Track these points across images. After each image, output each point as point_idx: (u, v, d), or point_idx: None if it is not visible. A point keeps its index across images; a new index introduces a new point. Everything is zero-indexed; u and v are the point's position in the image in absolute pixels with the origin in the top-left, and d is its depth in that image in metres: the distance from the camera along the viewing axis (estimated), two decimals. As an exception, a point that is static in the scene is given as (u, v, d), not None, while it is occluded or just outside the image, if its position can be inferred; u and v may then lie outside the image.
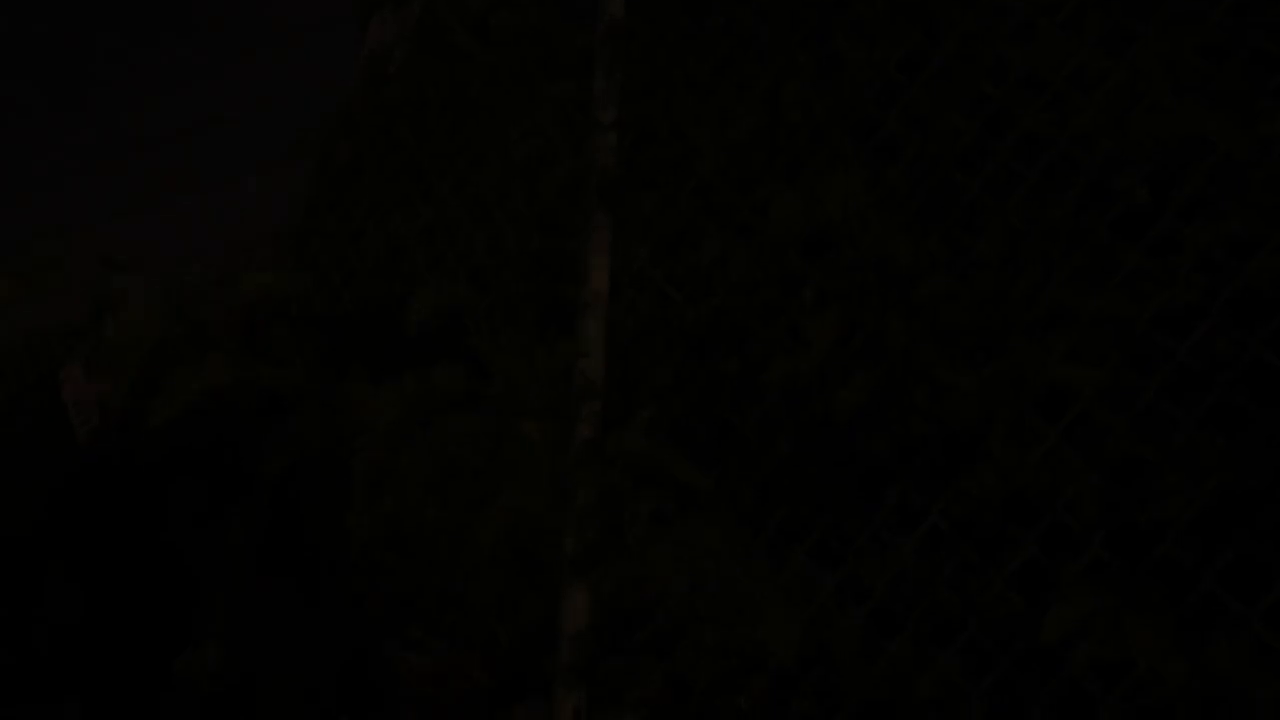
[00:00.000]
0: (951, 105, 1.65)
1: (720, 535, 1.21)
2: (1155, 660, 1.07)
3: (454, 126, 2.31)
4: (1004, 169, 1.59)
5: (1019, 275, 1.38)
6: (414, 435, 1.06)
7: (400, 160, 2.57)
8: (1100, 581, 1.31)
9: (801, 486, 1.60)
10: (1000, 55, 1.60)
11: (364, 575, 1.19)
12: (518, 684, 1.65)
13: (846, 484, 1.57)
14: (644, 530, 1.12)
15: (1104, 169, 1.51)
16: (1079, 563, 1.31)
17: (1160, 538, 1.28)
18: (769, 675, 1.46)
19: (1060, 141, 1.52)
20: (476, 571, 1.15)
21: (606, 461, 1.08)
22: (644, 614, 1.62)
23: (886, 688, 1.36)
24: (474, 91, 2.23)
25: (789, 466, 1.66)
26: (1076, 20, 1.59)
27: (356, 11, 2.80)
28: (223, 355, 1.13)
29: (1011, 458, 1.34)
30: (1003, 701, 1.32)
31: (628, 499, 1.12)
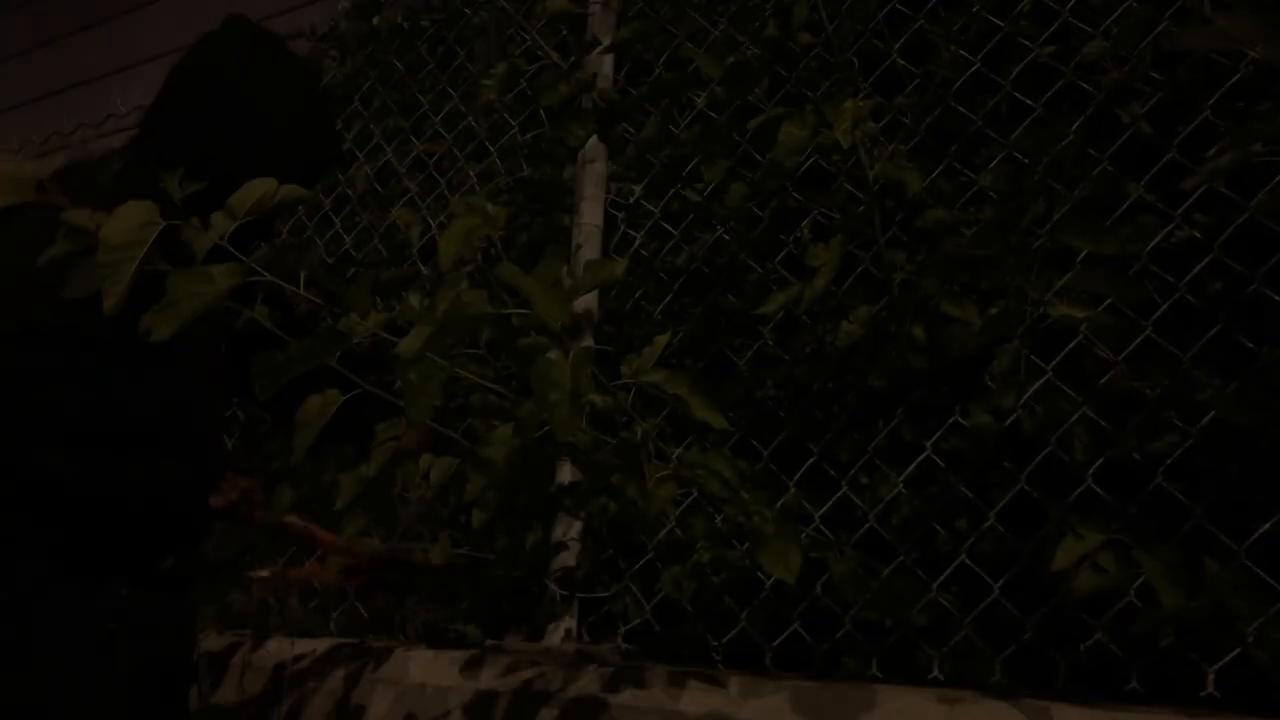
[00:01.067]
0: (958, 35, 1.62)
1: (719, 462, 1.21)
2: (1161, 590, 1.08)
3: (447, 55, 2.27)
4: (1009, 100, 1.57)
5: (1021, 209, 1.37)
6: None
7: (391, 91, 2.53)
8: (1092, 516, 1.32)
9: (797, 418, 1.61)
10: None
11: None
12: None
13: (842, 416, 1.58)
14: (645, 454, 1.12)
15: (1110, 99, 1.49)
16: (1071, 497, 1.33)
17: (1152, 474, 1.29)
18: (767, 595, 1.48)
19: (1066, 74, 1.50)
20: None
21: (616, 389, 1.07)
22: (640, 540, 1.63)
23: (881, 611, 1.38)
24: (467, 15, 2.19)
25: (785, 398, 1.66)
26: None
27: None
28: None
29: (1007, 393, 1.34)
30: (994, 629, 1.35)
31: (632, 426, 1.12)
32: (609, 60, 1.77)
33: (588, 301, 1.70)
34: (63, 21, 6.35)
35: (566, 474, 1.64)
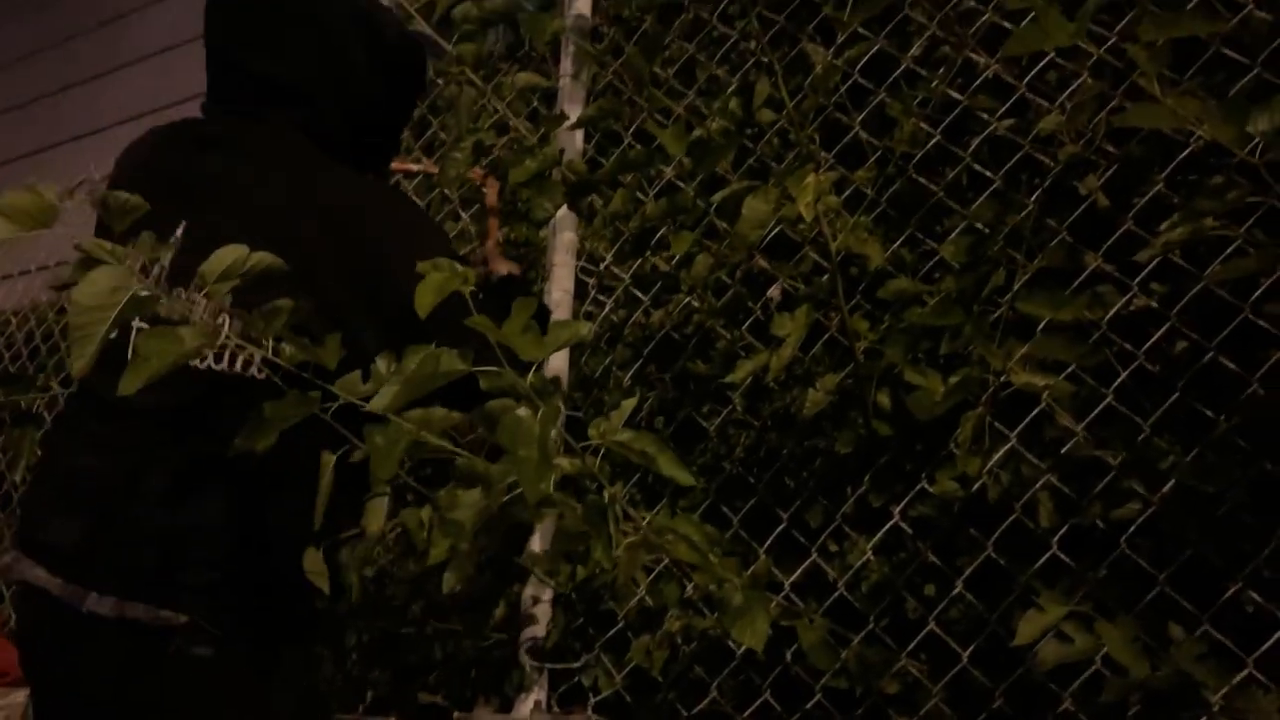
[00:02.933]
0: (918, 109, 1.66)
1: (688, 527, 1.21)
2: (1125, 661, 1.09)
3: (420, 126, 2.30)
4: (969, 171, 1.61)
5: (982, 279, 1.40)
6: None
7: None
8: (1058, 582, 1.33)
9: (765, 484, 1.61)
10: (965, 60, 1.62)
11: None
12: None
13: (811, 482, 1.59)
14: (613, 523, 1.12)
15: (1067, 172, 1.53)
16: (1037, 564, 1.34)
17: (1117, 540, 1.30)
18: (737, 664, 1.47)
19: (1024, 145, 1.54)
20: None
21: (585, 453, 1.08)
22: (610, 608, 1.62)
23: (851, 679, 1.37)
24: (439, 86, 2.22)
25: (753, 464, 1.67)
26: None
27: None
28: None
29: (972, 460, 1.35)
30: (963, 696, 1.34)
31: (601, 491, 1.12)
32: (578, 133, 1.80)
33: (557, 365, 1.71)
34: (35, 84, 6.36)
35: (535, 541, 1.63)
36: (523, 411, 0.96)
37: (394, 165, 1.99)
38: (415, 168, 2.10)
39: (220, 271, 1.10)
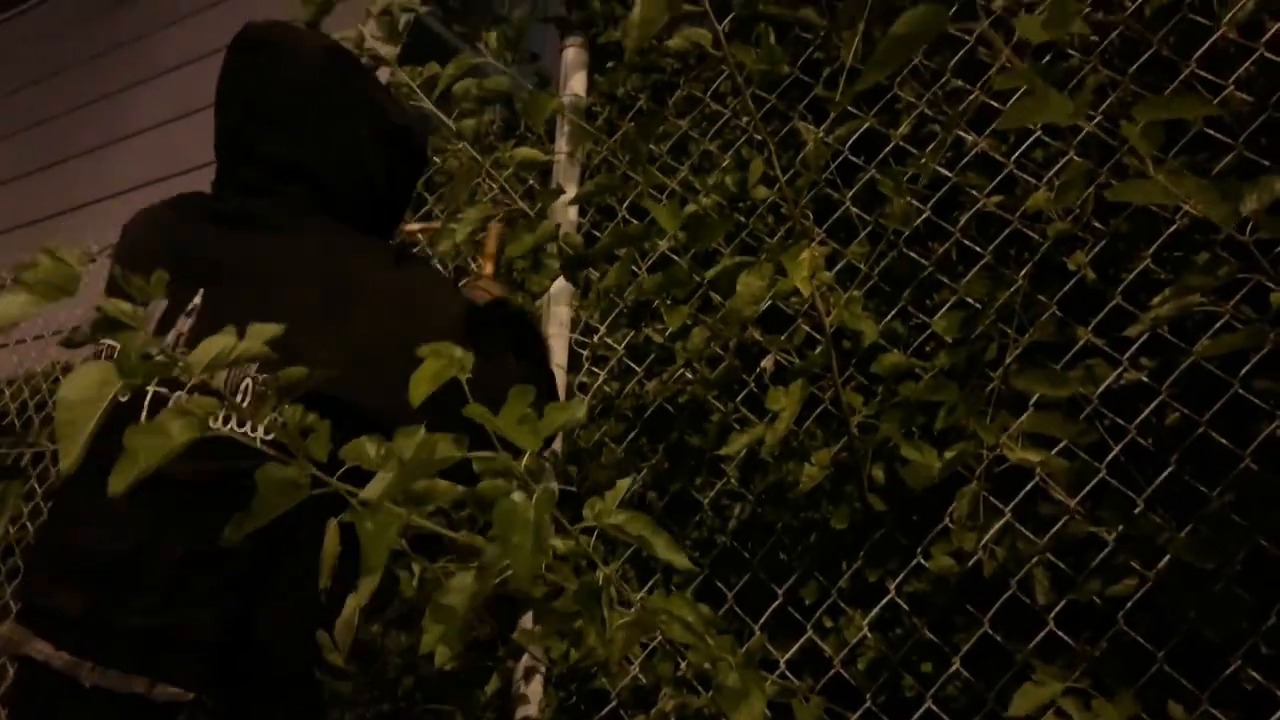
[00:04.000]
0: (908, 185, 1.69)
1: (681, 607, 1.20)
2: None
3: (417, 201, 2.32)
4: (959, 246, 1.63)
5: (974, 353, 1.41)
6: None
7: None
8: (1056, 659, 1.32)
9: (760, 559, 1.60)
10: (954, 138, 1.65)
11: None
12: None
13: (806, 557, 1.58)
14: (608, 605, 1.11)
15: (1055, 248, 1.55)
16: (1034, 641, 1.33)
17: (1114, 616, 1.30)
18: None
19: (1012, 221, 1.57)
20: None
21: (580, 532, 1.08)
22: (602, 689, 1.60)
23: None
24: (436, 162, 2.25)
25: (748, 538, 1.66)
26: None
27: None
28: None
29: (967, 535, 1.35)
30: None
31: (596, 570, 1.12)
32: (574, 207, 1.82)
33: (551, 442, 1.71)
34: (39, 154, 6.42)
35: (528, 620, 1.62)
36: (517, 496, 0.96)
37: (410, 228, 2.02)
38: (423, 226, 2.12)
39: (222, 352, 1.10)
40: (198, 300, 1.28)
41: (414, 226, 2.07)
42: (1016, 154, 1.58)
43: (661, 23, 1.17)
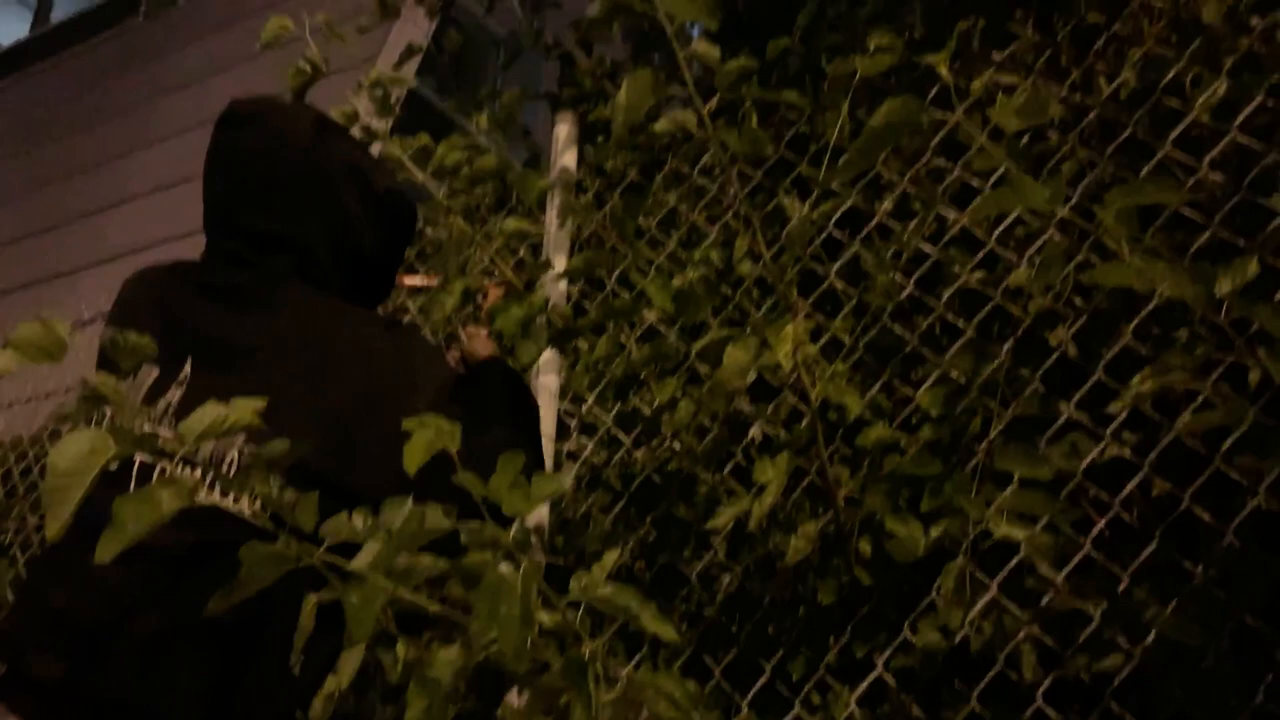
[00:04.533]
0: (891, 260, 1.72)
1: (669, 683, 1.19)
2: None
3: (406, 270, 2.34)
4: (942, 321, 1.65)
5: (959, 428, 1.42)
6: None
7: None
8: (1046, 735, 1.31)
9: (748, 633, 1.59)
10: (936, 215, 1.69)
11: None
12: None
13: (793, 631, 1.57)
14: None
15: (1037, 323, 1.57)
16: (1023, 716, 1.32)
17: (1102, 692, 1.29)
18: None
19: (994, 298, 1.59)
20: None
21: (567, 606, 1.08)
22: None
23: None
24: (428, 234, 2.28)
25: (735, 611, 1.66)
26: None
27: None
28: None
29: (954, 611, 1.35)
30: None
31: (583, 645, 1.11)
32: (563, 283, 1.85)
33: (538, 514, 1.71)
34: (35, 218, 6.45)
35: (514, 696, 1.60)
36: (504, 568, 0.96)
37: (409, 280, 2.03)
38: (421, 280, 2.13)
39: (212, 424, 1.11)
40: (188, 370, 1.29)
41: (414, 280, 2.09)
42: (997, 231, 1.61)
43: (648, 106, 1.20)
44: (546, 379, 1.79)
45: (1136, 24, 1.64)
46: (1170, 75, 1.57)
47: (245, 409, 1.09)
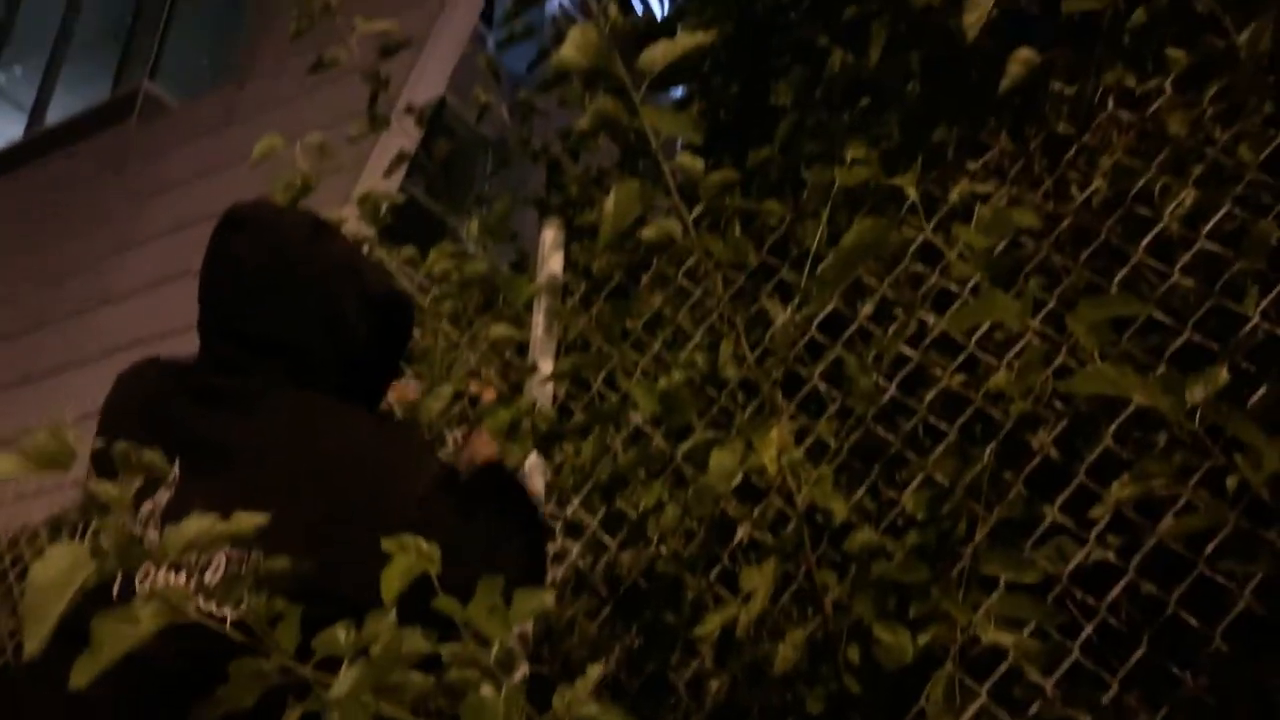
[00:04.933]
0: (873, 363, 1.74)
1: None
2: None
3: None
4: (924, 424, 1.67)
5: (944, 532, 1.43)
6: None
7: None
8: None
9: (736, 743, 1.57)
10: (916, 320, 1.71)
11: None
12: None
13: (782, 741, 1.55)
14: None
15: (1018, 426, 1.59)
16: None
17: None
18: None
19: (974, 400, 1.61)
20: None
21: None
22: None
23: None
24: (414, 339, 2.30)
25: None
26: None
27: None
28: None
29: (945, 719, 1.34)
30: None
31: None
32: (548, 386, 1.86)
33: (523, 628, 1.69)
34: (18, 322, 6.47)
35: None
36: (486, 689, 0.95)
37: (399, 394, 2.04)
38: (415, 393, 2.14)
39: (199, 534, 1.10)
40: (175, 473, 1.29)
41: (407, 390, 2.10)
42: (976, 335, 1.64)
43: (635, 215, 1.23)
44: (531, 483, 1.79)
45: (1105, 135, 1.70)
46: (1140, 184, 1.62)
47: (234, 519, 1.08)
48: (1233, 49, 1.62)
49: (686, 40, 1.22)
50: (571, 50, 1.12)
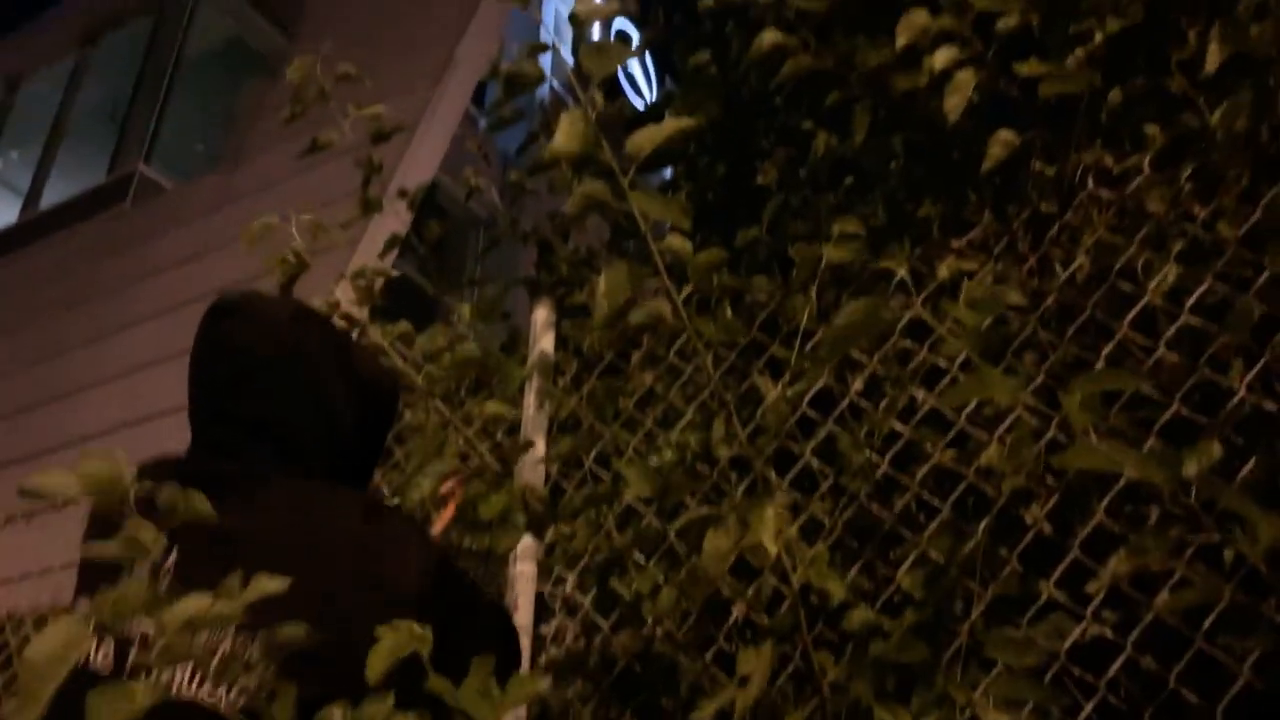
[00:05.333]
0: (865, 439, 1.74)
1: None
2: None
3: (384, 454, 2.35)
4: (917, 500, 1.67)
5: (941, 610, 1.42)
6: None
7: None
8: None
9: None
10: (907, 395, 1.72)
11: None
12: None
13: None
14: None
15: (1011, 501, 1.59)
16: None
17: None
18: None
19: (966, 476, 1.61)
20: None
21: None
22: None
23: None
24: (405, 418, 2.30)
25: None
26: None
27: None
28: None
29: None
30: None
31: None
32: (541, 466, 1.86)
33: (516, 712, 1.66)
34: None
35: None
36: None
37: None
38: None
39: (197, 615, 1.09)
40: (172, 559, 1.29)
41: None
42: (966, 410, 1.65)
43: (625, 296, 1.25)
44: (524, 566, 1.78)
45: (1086, 213, 1.73)
46: (1122, 260, 1.65)
47: (228, 599, 1.08)
48: (1207, 127, 1.66)
49: (672, 125, 1.25)
50: (562, 139, 1.14)
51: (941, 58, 1.77)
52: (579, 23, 1.29)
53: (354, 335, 2.08)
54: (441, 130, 6.44)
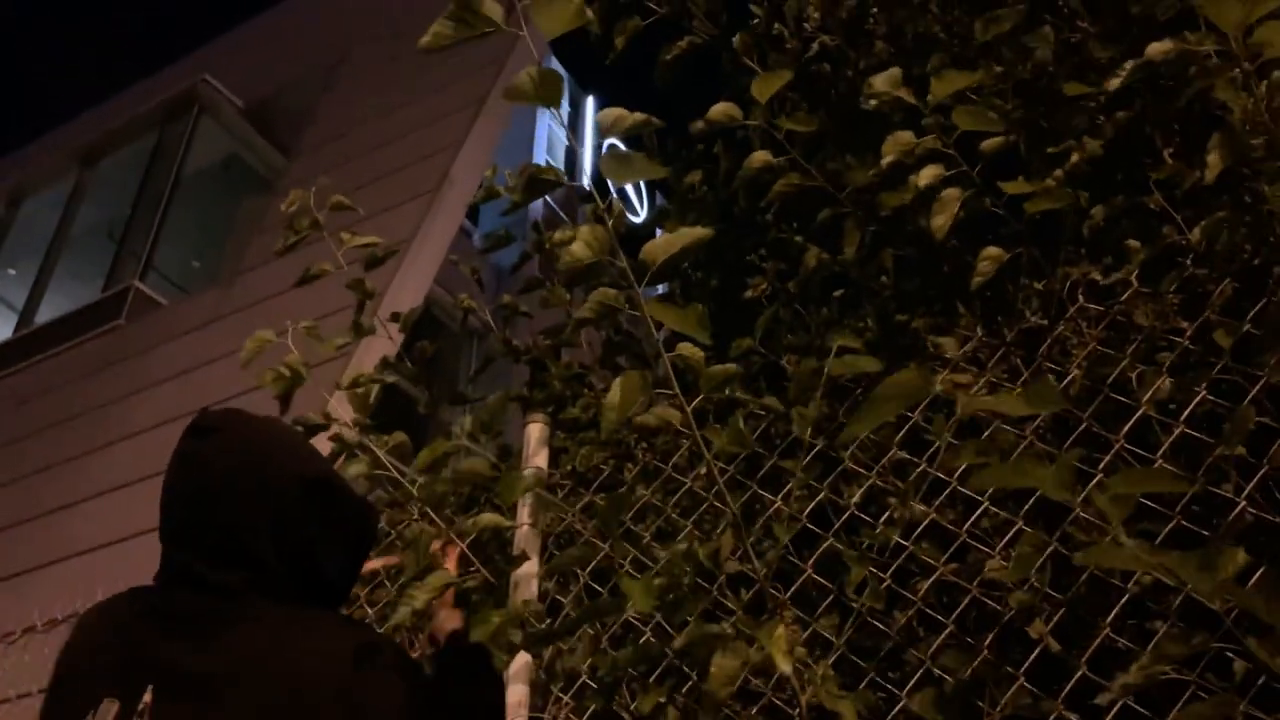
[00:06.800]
0: (865, 553, 1.73)
1: None
2: None
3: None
4: (921, 615, 1.64)
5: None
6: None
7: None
8: None
9: None
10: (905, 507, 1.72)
11: None
12: None
13: None
14: None
15: (1015, 615, 1.57)
16: None
17: None
18: None
19: (970, 589, 1.59)
20: None
21: None
22: None
23: None
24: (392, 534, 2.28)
25: None
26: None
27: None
28: None
29: None
30: None
31: None
32: (535, 581, 1.83)
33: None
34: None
35: None
36: None
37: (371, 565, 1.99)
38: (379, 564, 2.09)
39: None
40: (148, 699, 1.27)
41: (372, 564, 2.05)
42: (967, 524, 1.64)
43: (637, 404, 1.26)
44: (516, 687, 1.73)
45: (1076, 326, 1.75)
46: (1114, 373, 1.66)
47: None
48: (1189, 242, 1.70)
49: (686, 235, 1.27)
50: (581, 246, 1.17)
51: (926, 175, 1.82)
52: (602, 132, 1.33)
53: (342, 457, 2.08)
54: (434, 249, 6.54)
